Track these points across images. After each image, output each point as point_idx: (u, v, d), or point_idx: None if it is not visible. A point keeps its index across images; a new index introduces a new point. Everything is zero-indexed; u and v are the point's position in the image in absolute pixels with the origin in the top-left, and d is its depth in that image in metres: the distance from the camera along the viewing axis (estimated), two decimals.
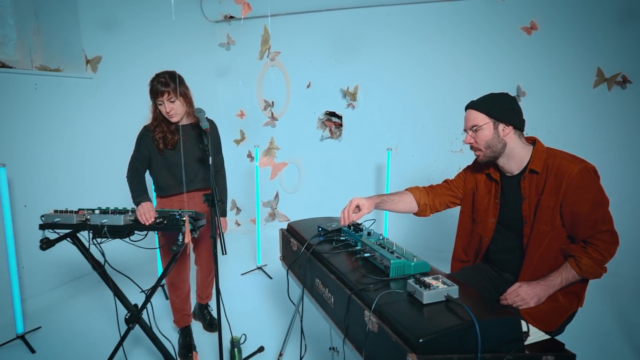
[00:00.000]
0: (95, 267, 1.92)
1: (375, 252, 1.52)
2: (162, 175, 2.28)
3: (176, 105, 2.17)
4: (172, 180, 2.29)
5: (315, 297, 1.70)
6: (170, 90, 2.13)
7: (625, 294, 3.07)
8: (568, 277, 1.61)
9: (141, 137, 2.25)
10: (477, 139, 1.68)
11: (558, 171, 1.60)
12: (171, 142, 2.22)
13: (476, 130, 1.67)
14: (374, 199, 1.83)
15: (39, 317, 2.84)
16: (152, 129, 2.23)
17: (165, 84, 2.12)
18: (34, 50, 3.22)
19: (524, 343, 1.20)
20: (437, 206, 1.99)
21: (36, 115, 2.96)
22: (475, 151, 1.74)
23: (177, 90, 2.15)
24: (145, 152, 2.23)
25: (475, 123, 1.67)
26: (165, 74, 2.18)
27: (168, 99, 2.14)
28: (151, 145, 2.23)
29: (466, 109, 1.74)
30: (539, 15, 3.31)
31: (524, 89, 3.44)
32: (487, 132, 1.66)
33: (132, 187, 2.14)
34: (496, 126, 1.65)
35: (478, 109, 1.68)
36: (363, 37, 3.92)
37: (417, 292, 1.25)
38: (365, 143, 4.07)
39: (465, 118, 1.72)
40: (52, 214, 1.83)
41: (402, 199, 1.94)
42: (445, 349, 1.10)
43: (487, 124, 1.65)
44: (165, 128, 2.22)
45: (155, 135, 2.21)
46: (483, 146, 1.68)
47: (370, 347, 1.25)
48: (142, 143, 2.24)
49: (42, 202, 3.01)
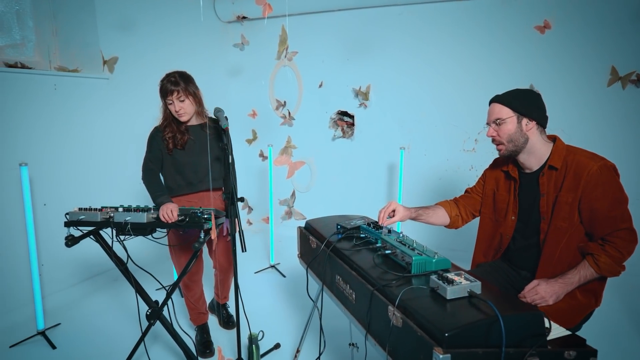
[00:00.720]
0: (118, 264, 1.96)
1: (396, 249, 1.54)
2: (171, 176, 2.30)
3: (185, 104, 2.19)
4: (181, 180, 2.30)
5: (335, 294, 1.72)
6: (180, 90, 2.15)
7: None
8: (586, 274, 1.61)
9: (152, 138, 2.28)
10: (500, 132, 1.70)
11: (577, 168, 1.60)
12: (181, 142, 2.24)
13: (499, 123, 1.69)
14: (411, 211, 1.88)
15: (58, 313, 2.90)
16: (162, 129, 2.25)
17: (175, 82, 2.15)
18: (52, 51, 3.28)
19: (546, 338, 1.21)
20: (465, 217, 2.02)
21: (55, 115, 3.02)
22: (497, 145, 1.75)
23: (187, 90, 2.17)
24: (157, 152, 2.26)
25: (499, 116, 1.69)
26: (175, 73, 2.21)
27: (177, 98, 2.16)
28: (162, 145, 2.25)
29: (490, 102, 1.75)
30: (552, 14, 3.31)
31: (537, 87, 3.43)
32: (510, 125, 1.67)
33: (151, 188, 2.17)
34: (520, 120, 1.67)
35: (503, 102, 1.69)
36: (375, 37, 3.94)
37: (440, 287, 1.27)
38: (377, 142, 4.09)
39: (489, 111, 1.74)
40: (77, 212, 1.87)
41: (435, 212, 1.98)
42: (470, 343, 1.12)
43: (511, 118, 1.67)
44: (174, 128, 2.23)
45: (165, 135, 2.23)
46: (505, 140, 1.70)
47: (394, 342, 1.27)
48: (153, 143, 2.27)
49: (61, 200, 3.06)
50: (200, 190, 2.36)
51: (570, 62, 3.31)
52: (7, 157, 2.75)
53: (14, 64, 2.95)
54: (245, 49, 4.47)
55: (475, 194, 2.02)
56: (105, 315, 2.94)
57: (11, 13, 3.03)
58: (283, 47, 2.69)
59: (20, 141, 2.83)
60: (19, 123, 2.82)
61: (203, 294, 2.56)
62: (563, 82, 3.35)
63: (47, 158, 2.98)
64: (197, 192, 2.35)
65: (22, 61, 3.03)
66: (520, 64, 3.47)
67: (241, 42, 4.38)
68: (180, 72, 2.23)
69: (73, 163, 3.16)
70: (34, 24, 3.16)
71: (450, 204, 2.03)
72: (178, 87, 2.15)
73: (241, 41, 4.38)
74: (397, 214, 1.80)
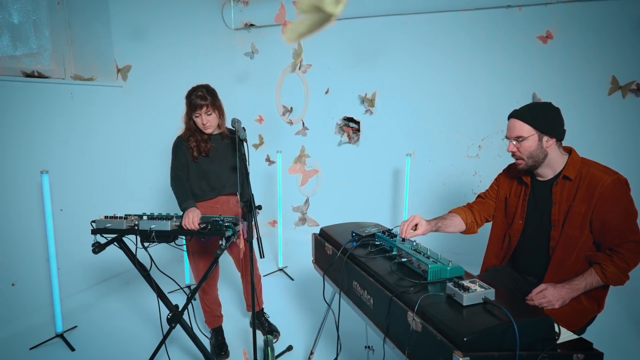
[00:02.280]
0: (141, 270, 2.04)
1: (411, 257, 1.62)
2: (196, 183, 2.39)
3: (212, 118, 2.30)
4: (206, 186, 2.41)
5: (352, 299, 1.80)
6: (208, 104, 2.26)
7: None
8: (592, 282, 1.70)
9: (176, 147, 2.38)
10: (521, 149, 1.75)
11: (591, 180, 1.68)
12: (205, 150, 2.35)
13: (521, 140, 1.74)
14: (432, 224, 1.94)
15: (74, 316, 2.97)
16: (186, 139, 2.35)
17: (203, 97, 2.25)
18: (66, 60, 3.36)
19: (556, 342, 1.30)
20: (480, 222, 2.10)
21: (72, 123, 3.09)
22: (517, 160, 1.80)
23: (214, 104, 2.29)
24: (182, 160, 2.35)
25: (520, 134, 1.73)
26: (202, 87, 2.30)
27: (205, 112, 2.27)
28: (187, 153, 2.35)
29: (510, 117, 1.79)
30: (554, 24, 3.40)
31: (540, 96, 3.53)
32: (531, 143, 1.72)
33: (178, 194, 2.26)
34: (540, 138, 1.71)
35: (524, 119, 1.72)
36: (381, 45, 4.02)
37: (456, 294, 1.36)
38: (382, 148, 4.17)
39: (510, 127, 1.77)
40: (103, 220, 1.95)
41: (452, 221, 2.04)
42: (486, 347, 1.20)
43: (533, 136, 1.71)
44: (198, 137, 2.35)
45: (189, 144, 2.33)
46: (526, 156, 1.75)
47: (414, 346, 1.35)
48: (178, 152, 2.36)
49: (76, 206, 3.15)
50: (221, 194, 2.47)
51: (572, 71, 3.40)
52: (26, 163, 2.83)
53: (31, 73, 3.03)
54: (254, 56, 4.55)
55: (489, 199, 2.08)
56: (121, 317, 3.01)
57: (28, 23, 3.10)
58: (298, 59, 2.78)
59: (38, 148, 2.91)
60: (38, 131, 2.90)
61: (218, 298, 2.64)
62: (565, 90, 3.44)
63: (64, 165, 3.05)
64: (219, 197, 2.46)
65: (39, 70, 3.11)
66: (523, 73, 3.56)
67: (251, 50, 4.46)
68: (206, 87, 2.33)
69: (89, 170, 3.24)
70: (49, 33, 3.24)
71: (465, 210, 2.09)
72: (206, 102, 2.26)
73: (251, 50, 4.46)
74: (419, 228, 1.85)
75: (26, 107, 2.83)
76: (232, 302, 3.20)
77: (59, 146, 3.03)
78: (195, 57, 4.10)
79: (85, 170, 3.21)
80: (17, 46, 3.05)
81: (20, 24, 3.06)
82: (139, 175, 3.65)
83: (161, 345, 2.14)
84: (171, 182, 2.34)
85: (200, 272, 2.43)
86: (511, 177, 2.00)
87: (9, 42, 3.00)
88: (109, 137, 3.36)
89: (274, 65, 4.49)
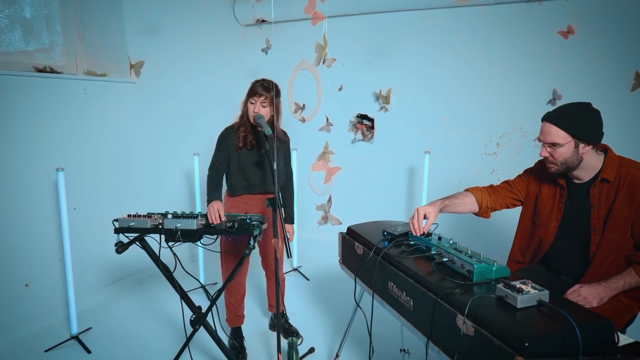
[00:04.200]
0: (164, 270, 1.97)
1: (453, 257, 1.56)
2: (236, 175, 2.37)
3: (265, 111, 2.27)
4: (244, 180, 2.38)
5: (387, 300, 1.74)
6: (269, 97, 2.25)
7: None
8: (631, 282, 1.63)
9: (222, 138, 2.36)
10: (555, 155, 1.65)
11: (632, 181, 1.61)
12: (250, 143, 2.32)
13: (555, 147, 1.64)
14: (437, 205, 1.85)
15: (88, 317, 2.90)
16: (237, 128, 2.34)
17: (267, 89, 2.26)
18: (78, 55, 3.29)
19: (617, 346, 1.24)
20: (497, 207, 2.00)
21: (86, 119, 3.02)
22: (550, 164, 1.70)
23: (273, 100, 2.28)
24: (225, 152, 2.33)
25: (555, 141, 1.62)
26: (270, 81, 2.33)
27: (261, 102, 2.25)
28: (232, 143, 2.32)
29: (545, 120, 1.69)
30: (575, 19, 3.33)
31: (560, 92, 3.46)
32: (566, 150, 1.62)
33: (209, 185, 2.25)
34: (577, 145, 1.61)
35: (560, 125, 1.61)
36: (396, 41, 3.95)
37: (509, 296, 1.29)
38: (398, 146, 4.11)
39: (544, 131, 1.67)
40: (126, 219, 1.88)
41: (463, 201, 1.95)
42: (547, 352, 1.14)
43: (569, 143, 1.61)
44: (248, 128, 2.32)
45: (238, 133, 2.31)
46: (560, 162, 1.66)
47: (465, 350, 1.29)
48: (222, 143, 2.34)
49: (90, 205, 3.08)
50: (259, 192, 2.42)
51: (594, 67, 3.33)
52: (40, 161, 2.76)
53: (43, 69, 2.96)
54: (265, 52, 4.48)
55: (516, 189, 1.99)
56: (136, 319, 2.95)
57: (40, 18, 3.03)
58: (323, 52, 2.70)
59: (52, 145, 2.84)
60: (51, 127, 2.83)
61: (244, 298, 2.58)
62: (587, 86, 3.37)
63: (77, 162, 2.98)
64: (256, 194, 2.42)
65: (51, 65, 3.04)
66: (544, 69, 3.49)
67: (266, 46, 4.39)
68: (274, 82, 2.34)
69: (102, 167, 3.17)
70: (61, 28, 3.17)
71: (482, 192, 1.98)
72: (268, 94, 2.26)
73: (266, 45, 4.39)
74: (429, 217, 1.76)
75: (39, 103, 2.76)
76: (253, 302, 3.14)
77: (73, 143, 2.96)
78: (207, 53, 4.03)
79: (98, 168, 3.15)
80: (29, 41, 2.98)
81: (32, 19, 2.99)
82: (152, 173, 3.59)
83: (184, 347, 2.07)
84: (209, 172, 2.33)
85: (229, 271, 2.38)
86: (542, 176, 1.91)
87: (21, 37, 2.93)
88: (122, 134, 3.29)
89: (286, 61, 4.42)
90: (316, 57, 3.12)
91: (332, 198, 4.49)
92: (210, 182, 2.26)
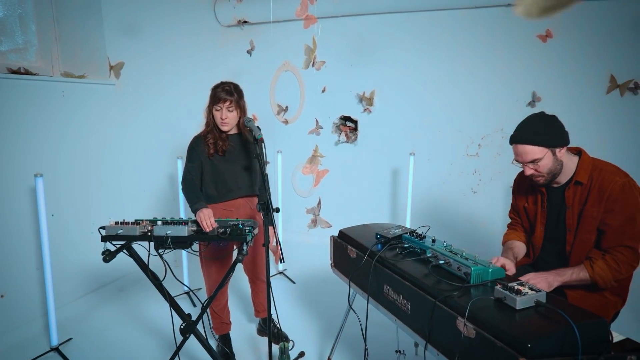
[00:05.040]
0: (153, 279, 1.92)
1: (449, 259, 1.57)
2: (210, 183, 2.30)
3: (232, 115, 2.24)
4: (222, 187, 2.32)
5: (382, 304, 1.74)
6: (233, 100, 2.21)
7: None
8: (579, 275, 1.67)
9: (192, 148, 2.29)
10: (539, 169, 1.72)
11: (602, 183, 1.67)
12: (222, 149, 2.27)
13: (536, 162, 1.71)
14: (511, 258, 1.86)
15: (68, 328, 2.79)
16: (204, 135, 2.28)
17: (229, 92, 2.21)
18: (54, 56, 3.17)
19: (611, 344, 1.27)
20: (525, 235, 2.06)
21: (64, 123, 2.91)
22: (538, 178, 1.77)
23: (238, 103, 2.24)
24: (197, 162, 2.27)
25: (534, 157, 1.70)
26: (230, 83, 2.26)
27: (227, 108, 2.21)
28: (202, 152, 2.26)
29: (515, 142, 1.75)
30: (554, 23, 3.42)
31: (539, 94, 3.55)
32: (547, 161, 1.70)
33: (188, 196, 2.17)
34: (553, 152, 1.70)
35: (532, 142, 1.69)
36: (380, 43, 3.97)
37: (507, 298, 1.31)
38: (381, 147, 4.13)
39: (519, 153, 1.74)
40: (114, 226, 1.82)
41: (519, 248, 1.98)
42: (548, 353, 1.16)
43: (547, 154, 1.69)
44: (216, 135, 2.27)
45: (207, 141, 2.26)
46: (546, 173, 1.73)
47: (465, 352, 1.29)
48: (193, 153, 2.28)
49: (68, 211, 2.97)
50: (238, 197, 2.37)
51: (571, 69, 3.44)
52: (16, 166, 2.64)
53: (18, 70, 2.84)
54: (246, 53, 4.43)
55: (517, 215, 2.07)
56: (117, 327, 2.86)
57: (14, 17, 2.91)
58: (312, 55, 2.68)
59: (29, 149, 2.72)
60: (28, 131, 2.71)
61: (227, 304, 2.53)
62: (564, 89, 3.47)
63: (56, 166, 2.87)
64: (234, 199, 2.36)
65: (25, 66, 2.92)
66: (523, 71, 3.58)
67: (251, 47, 4.34)
68: (234, 84, 2.28)
69: (82, 171, 3.06)
70: (36, 28, 3.05)
71: (517, 233, 2.05)
72: (231, 98, 2.21)
73: (251, 47, 4.34)
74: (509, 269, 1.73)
75: (15, 106, 2.64)
76: (237, 308, 3.09)
77: (50, 147, 2.84)
78: (188, 54, 3.96)
79: (78, 173, 3.04)
80: (1, 41, 2.86)
81: (5, 18, 2.87)
82: (133, 177, 3.49)
83: (175, 356, 2.02)
84: (182, 185, 2.25)
85: (212, 278, 2.33)
86: (524, 186, 1.98)
87: None
88: (102, 137, 3.19)
89: (268, 63, 4.38)
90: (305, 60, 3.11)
91: (321, 201, 4.48)
92: (189, 193, 2.18)
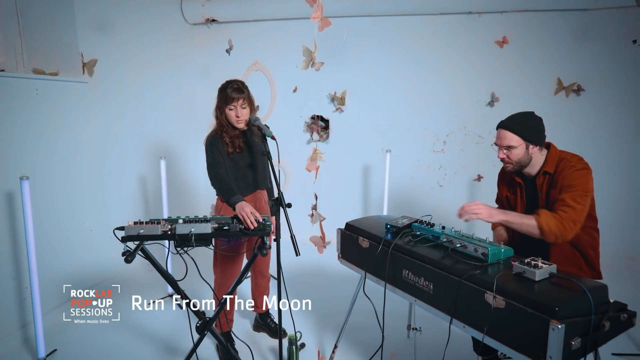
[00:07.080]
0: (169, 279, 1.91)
1: (465, 242, 1.74)
2: (233, 180, 2.32)
3: (246, 111, 2.27)
4: (242, 182, 2.36)
5: (401, 287, 1.88)
6: (244, 97, 2.24)
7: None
8: (523, 219, 1.87)
9: (211, 144, 2.29)
10: (511, 155, 1.96)
11: (563, 169, 1.92)
12: (239, 146, 2.30)
13: (511, 149, 1.95)
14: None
15: (51, 339, 2.65)
16: (220, 134, 2.29)
17: (240, 90, 2.23)
18: (18, 52, 2.98)
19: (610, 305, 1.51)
20: None
21: (38, 122, 2.76)
22: (507, 164, 2.01)
23: (249, 98, 2.26)
24: (218, 157, 2.27)
25: (510, 144, 1.93)
26: (237, 81, 2.29)
27: (241, 105, 2.23)
28: (222, 150, 2.28)
29: (500, 127, 1.99)
30: (510, 31, 3.78)
31: (497, 95, 3.90)
32: (519, 151, 1.94)
33: (223, 190, 2.18)
34: (527, 147, 1.94)
35: (514, 131, 1.92)
36: (350, 45, 4.12)
37: (527, 272, 1.50)
38: (353, 145, 4.29)
39: (500, 136, 1.97)
40: (133, 226, 1.79)
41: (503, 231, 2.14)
42: (570, 315, 1.36)
43: (521, 145, 1.93)
44: (231, 133, 2.29)
45: (224, 140, 2.27)
46: (514, 161, 1.97)
47: (494, 322, 1.47)
48: (214, 149, 2.28)
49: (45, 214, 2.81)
50: (250, 193, 2.42)
51: (525, 73, 3.82)
52: None
53: None
54: (215, 52, 4.40)
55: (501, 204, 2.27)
56: (104, 334, 2.75)
57: None
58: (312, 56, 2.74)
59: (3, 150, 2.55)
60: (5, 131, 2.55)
61: (234, 301, 2.55)
62: (519, 90, 3.85)
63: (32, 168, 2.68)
64: (248, 195, 2.40)
65: None
66: (483, 74, 3.91)
67: (229, 46, 4.30)
68: (240, 81, 2.30)
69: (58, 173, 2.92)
70: None
71: None
72: (243, 95, 2.24)
73: (229, 46, 4.30)
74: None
75: None
76: None
77: (24, 148, 2.68)
78: (159, 52, 3.87)
79: (53, 174, 2.89)
80: None
81: None
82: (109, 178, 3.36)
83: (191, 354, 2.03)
84: (211, 182, 2.25)
85: (228, 273, 2.35)
86: (506, 178, 2.22)
87: None
88: (77, 136, 3.05)
89: (237, 62, 4.38)
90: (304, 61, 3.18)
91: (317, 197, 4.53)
92: (223, 186, 2.19)
